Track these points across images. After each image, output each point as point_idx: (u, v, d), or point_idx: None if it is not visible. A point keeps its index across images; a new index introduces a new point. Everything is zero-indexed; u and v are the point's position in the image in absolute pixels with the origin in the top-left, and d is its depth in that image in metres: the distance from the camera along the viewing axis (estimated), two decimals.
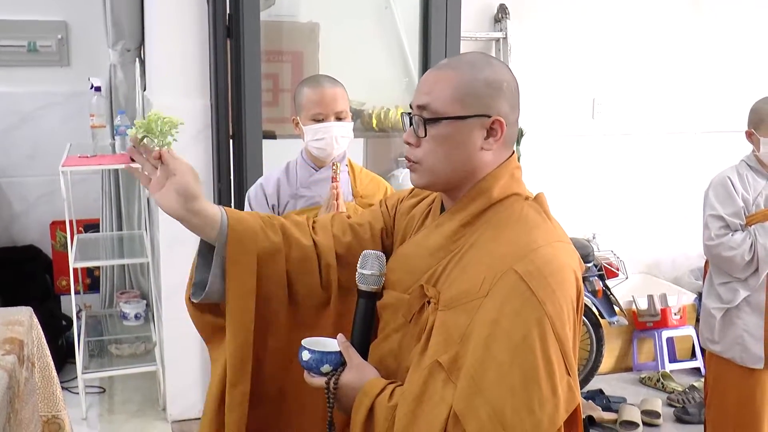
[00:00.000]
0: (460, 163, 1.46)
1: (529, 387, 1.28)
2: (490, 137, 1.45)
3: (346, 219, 1.74)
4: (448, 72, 1.46)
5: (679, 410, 3.93)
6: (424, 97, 1.46)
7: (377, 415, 1.40)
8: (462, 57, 1.51)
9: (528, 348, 1.30)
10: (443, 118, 1.44)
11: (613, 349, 4.38)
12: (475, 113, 1.43)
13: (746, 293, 2.90)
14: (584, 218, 4.52)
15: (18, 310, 2.45)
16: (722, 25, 4.65)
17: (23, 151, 4.51)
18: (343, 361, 1.49)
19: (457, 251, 1.46)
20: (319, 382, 1.48)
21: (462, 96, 1.43)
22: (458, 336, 1.36)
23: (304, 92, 2.44)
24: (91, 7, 4.36)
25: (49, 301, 4.42)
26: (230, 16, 3.34)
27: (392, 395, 1.41)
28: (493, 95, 1.44)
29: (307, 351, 1.48)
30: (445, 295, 1.42)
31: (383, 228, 1.71)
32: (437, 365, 1.36)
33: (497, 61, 1.52)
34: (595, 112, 4.51)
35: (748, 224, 2.89)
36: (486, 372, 1.30)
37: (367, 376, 1.46)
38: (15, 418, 2.04)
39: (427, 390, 1.35)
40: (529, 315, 1.31)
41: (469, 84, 1.44)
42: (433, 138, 1.45)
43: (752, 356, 2.89)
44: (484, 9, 4.19)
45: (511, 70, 1.51)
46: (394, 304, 1.55)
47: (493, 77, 1.45)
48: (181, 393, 3.71)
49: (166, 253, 3.58)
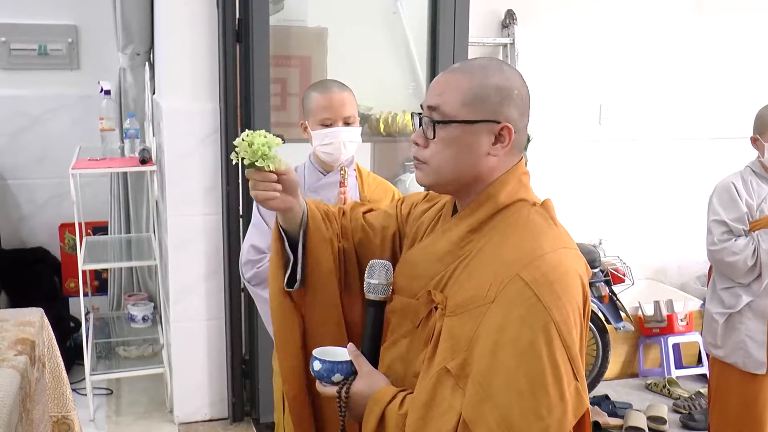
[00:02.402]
0: (466, 167, 1.46)
1: (536, 392, 1.29)
2: (497, 143, 1.45)
3: (360, 217, 1.77)
4: (460, 76, 1.46)
5: (685, 416, 3.93)
6: (436, 98, 1.46)
7: (388, 423, 1.41)
8: (475, 61, 1.52)
9: (535, 354, 1.30)
10: (453, 121, 1.44)
11: (620, 354, 4.38)
12: (484, 118, 1.44)
13: (749, 298, 2.90)
14: (591, 224, 4.53)
15: (29, 311, 2.46)
16: (728, 32, 4.66)
17: (33, 153, 4.53)
18: (353, 370, 1.50)
19: (465, 257, 1.46)
20: (331, 391, 1.49)
21: (472, 100, 1.44)
22: (465, 342, 1.37)
23: (313, 97, 2.44)
24: (101, 11, 4.38)
25: (58, 303, 4.42)
26: (240, 20, 3.36)
27: (402, 403, 1.42)
28: (503, 102, 1.44)
29: (318, 361, 1.50)
30: (452, 301, 1.43)
31: (395, 232, 1.73)
32: (445, 372, 1.37)
33: (509, 67, 1.52)
34: (602, 117, 4.53)
35: (751, 230, 2.89)
36: (493, 378, 1.31)
37: (377, 384, 1.48)
38: (27, 417, 2.05)
39: (436, 397, 1.36)
40: (535, 321, 1.31)
41: (479, 89, 1.44)
42: (442, 140, 1.46)
43: (754, 361, 2.89)
44: (491, 14, 4.21)
45: (522, 77, 1.52)
46: (402, 309, 1.56)
47: (504, 84, 1.45)
48: (187, 395, 3.72)
49: (173, 255, 3.59)
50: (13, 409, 1.88)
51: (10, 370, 2.00)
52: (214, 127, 3.51)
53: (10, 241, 4.57)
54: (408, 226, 1.70)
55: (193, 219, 3.58)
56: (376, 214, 1.79)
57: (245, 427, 3.70)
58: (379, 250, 1.72)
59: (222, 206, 3.56)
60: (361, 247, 1.75)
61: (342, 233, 1.75)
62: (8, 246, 4.54)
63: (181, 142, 3.50)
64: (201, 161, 3.54)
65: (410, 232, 1.68)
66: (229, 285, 3.61)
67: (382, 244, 1.72)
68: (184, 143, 3.51)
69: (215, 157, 3.53)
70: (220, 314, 3.67)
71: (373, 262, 1.57)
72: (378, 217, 1.77)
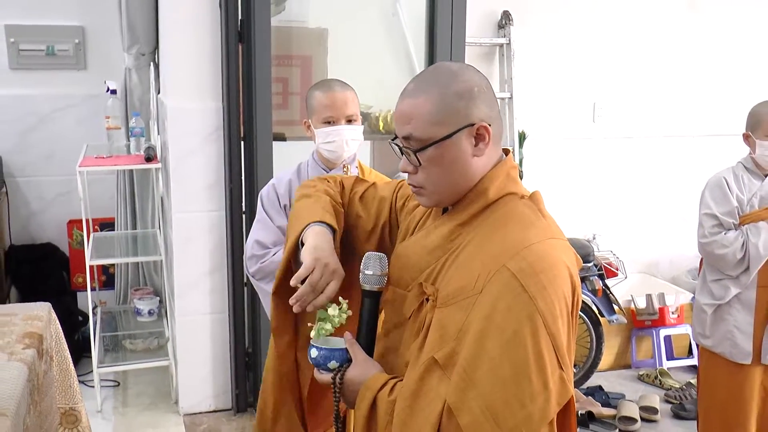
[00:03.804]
0: (459, 176, 1.46)
1: (520, 381, 1.30)
2: (479, 143, 1.45)
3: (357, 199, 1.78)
4: (419, 98, 1.45)
5: (676, 406, 3.96)
6: (406, 127, 1.46)
7: (379, 409, 1.43)
8: (428, 76, 1.49)
9: (519, 343, 1.30)
10: (430, 144, 1.44)
11: (613, 346, 4.41)
12: (457, 128, 1.43)
13: (737, 290, 2.93)
14: (585, 219, 4.54)
15: (37, 305, 2.49)
16: (720, 31, 4.67)
17: (41, 151, 4.54)
18: (349, 358, 1.52)
19: (454, 250, 1.47)
20: (327, 378, 1.52)
21: (440, 117, 1.43)
22: (454, 332, 1.38)
23: (316, 96, 2.45)
24: (108, 13, 4.39)
25: (66, 298, 4.44)
26: (242, 21, 3.37)
27: (392, 390, 1.43)
28: (469, 104, 1.43)
29: (315, 348, 1.52)
30: (443, 293, 1.44)
31: (386, 221, 1.74)
32: (433, 361, 1.38)
33: (460, 66, 1.50)
34: (596, 116, 4.54)
35: (741, 224, 2.92)
36: (478, 366, 1.32)
37: (370, 372, 1.49)
38: (35, 409, 2.08)
39: (423, 386, 1.37)
40: (521, 311, 1.32)
41: (442, 103, 1.43)
42: (428, 162, 1.45)
43: (741, 351, 2.92)
44: (488, 15, 4.22)
45: (477, 70, 1.50)
46: (395, 301, 1.58)
47: (462, 87, 1.44)
48: (192, 387, 3.74)
49: (178, 251, 3.61)
50: (22, 400, 1.91)
51: (19, 363, 2.04)
52: (218, 126, 3.52)
53: (20, 237, 4.59)
54: (401, 217, 1.71)
55: (197, 215, 3.59)
56: (372, 197, 1.78)
57: (248, 418, 3.71)
58: (368, 235, 1.74)
59: (225, 203, 3.56)
60: (353, 228, 1.76)
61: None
62: (18, 242, 4.57)
63: (185, 140, 3.51)
64: (205, 159, 3.54)
65: (402, 224, 1.69)
66: (233, 280, 3.62)
67: (372, 230, 1.74)
68: (188, 141, 3.51)
69: (219, 154, 3.54)
70: (223, 308, 3.69)
71: (368, 254, 1.57)
72: (374, 200, 1.77)
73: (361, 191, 1.81)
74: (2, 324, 2.32)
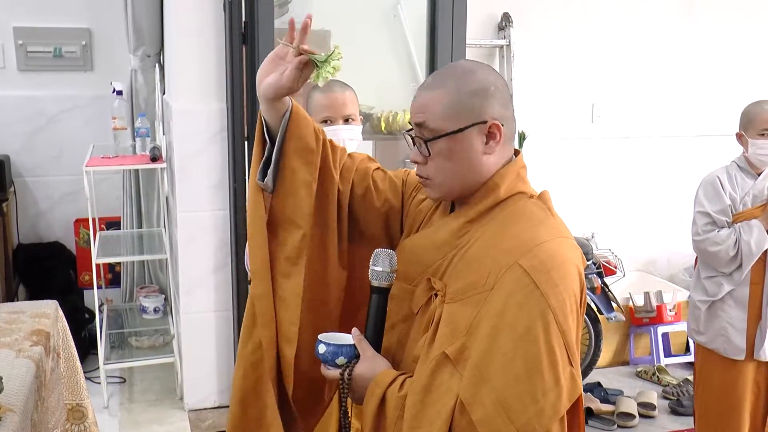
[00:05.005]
0: (468, 171, 1.47)
1: (532, 376, 1.31)
2: (490, 141, 1.47)
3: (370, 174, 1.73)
4: (436, 91, 1.47)
5: (673, 402, 3.99)
6: (420, 115, 1.48)
7: (388, 405, 1.43)
8: (446, 72, 1.51)
9: (531, 339, 1.31)
10: (442, 135, 1.45)
11: (611, 343, 4.42)
12: (470, 123, 1.45)
13: (730, 287, 2.97)
14: (584, 218, 4.56)
15: (44, 303, 2.51)
16: (715, 33, 4.70)
17: (49, 151, 4.55)
18: (357, 354, 1.51)
19: (462, 246, 1.47)
20: (334, 374, 1.51)
21: (454, 111, 1.45)
22: (465, 327, 1.38)
23: (315, 96, 2.46)
24: (114, 15, 4.41)
25: (73, 295, 4.43)
26: (246, 23, 3.37)
27: (402, 386, 1.43)
28: (484, 102, 1.45)
29: (323, 344, 1.52)
30: (452, 288, 1.44)
31: (394, 206, 1.72)
32: (444, 356, 1.38)
33: (479, 65, 1.52)
34: (594, 116, 4.57)
35: (734, 222, 2.95)
36: (491, 362, 1.32)
37: (379, 368, 1.49)
38: (42, 405, 2.10)
39: (435, 380, 1.38)
40: (533, 307, 1.33)
41: (457, 98, 1.45)
42: (438, 154, 1.47)
43: (735, 347, 2.96)
44: (488, 17, 4.26)
45: (494, 70, 1.53)
46: (401, 295, 1.57)
47: (478, 85, 1.46)
48: (197, 383, 3.74)
49: (183, 249, 3.62)
50: (29, 397, 1.93)
51: (26, 360, 2.06)
52: (222, 126, 3.54)
53: (28, 236, 4.60)
54: (410, 208, 1.70)
55: (202, 214, 3.60)
56: (382, 178, 1.75)
57: None
58: (376, 215, 1.71)
59: (229, 202, 3.58)
60: (362, 201, 1.72)
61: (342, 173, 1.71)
62: (26, 241, 4.59)
63: (190, 140, 3.52)
64: (209, 159, 3.55)
65: (410, 216, 1.69)
66: (237, 278, 3.62)
67: (379, 212, 1.71)
68: (193, 141, 3.53)
69: (223, 154, 3.56)
70: (228, 306, 3.69)
71: (377, 251, 1.56)
72: (385, 182, 1.74)
73: (374, 168, 1.78)
74: (10, 321, 2.34)
